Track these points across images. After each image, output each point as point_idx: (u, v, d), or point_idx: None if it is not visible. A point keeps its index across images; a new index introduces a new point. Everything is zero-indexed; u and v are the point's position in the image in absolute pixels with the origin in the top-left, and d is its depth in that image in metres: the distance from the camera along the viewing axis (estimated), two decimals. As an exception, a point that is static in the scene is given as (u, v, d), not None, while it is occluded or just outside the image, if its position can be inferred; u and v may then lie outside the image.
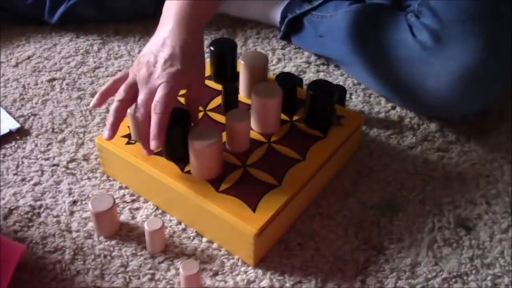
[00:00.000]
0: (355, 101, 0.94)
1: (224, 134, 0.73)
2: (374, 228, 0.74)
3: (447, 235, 0.73)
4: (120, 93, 0.67)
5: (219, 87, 0.84)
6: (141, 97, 0.66)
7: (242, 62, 0.79)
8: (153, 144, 0.63)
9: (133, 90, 0.67)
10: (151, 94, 0.65)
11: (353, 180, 0.80)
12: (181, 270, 0.63)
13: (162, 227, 0.68)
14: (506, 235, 0.73)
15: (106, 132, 0.67)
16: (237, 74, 0.85)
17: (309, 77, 0.98)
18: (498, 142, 0.87)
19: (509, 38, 0.80)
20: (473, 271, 0.69)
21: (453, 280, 0.68)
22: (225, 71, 0.85)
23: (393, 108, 0.92)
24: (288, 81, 0.79)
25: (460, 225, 0.74)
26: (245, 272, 0.68)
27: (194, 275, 0.63)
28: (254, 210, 0.66)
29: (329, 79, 0.97)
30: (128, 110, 0.72)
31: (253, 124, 0.76)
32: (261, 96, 0.73)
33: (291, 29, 1.03)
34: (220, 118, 0.79)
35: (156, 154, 0.73)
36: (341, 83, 0.96)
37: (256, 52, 0.83)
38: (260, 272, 0.68)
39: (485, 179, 0.81)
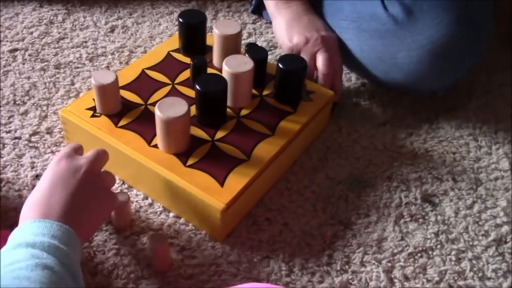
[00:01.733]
0: (325, 77, 0.93)
1: (192, 108, 0.72)
2: (341, 203, 0.74)
3: (413, 210, 0.74)
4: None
5: (187, 60, 0.82)
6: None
7: (216, 30, 0.78)
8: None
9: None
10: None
11: (322, 156, 0.80)
12: (148, 243, 0.63)
13: (128, 201, 0.66)
14: (470, 211, 0.74)
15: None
16: (206, 47, 0.84)
17: (279, 52, 0.97)
18: (466, 120, 0.88)
19: (481, 13, 0.80)
20: (438, 246, 0.70)
21: (419, 254, 0.69)
22: (194, 43, 0.83)
23: (363, 85, 0.92)
24: (258, 54, 0.78)
25: (426, 201, 0.75)
26: (213, 247, 0.67)
27: (162, 247, 0.62)
28: (222, 185, 0.66)
29: (300, 55, 0.96)
30: (92, 81, 0.70)
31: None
32: (232, 69, 0.72)
33: (262, 3, 1.01)
34: (188, 91, 0.77)
35: (122, 128, 0.71)
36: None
37: (229, 21, 0.81)
38: (227, 247, 0.67)
39: (451, 155, 0.82)
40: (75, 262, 0.51)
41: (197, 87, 0.69)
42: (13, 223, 0.67)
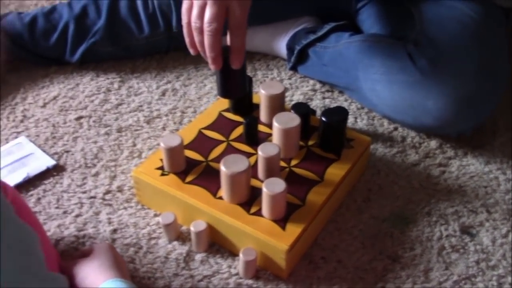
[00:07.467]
0: (360, 124, 1.02)
1: (252, 161, 0.81)
2: (387, 239, 0.82)
3: (453, 242, 0.81)
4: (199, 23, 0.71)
5: (238, 118, 0.92)
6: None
7: (262, 91, 0.88)
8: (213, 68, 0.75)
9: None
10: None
11: (364, 197, 0.88)
12: (241, 256, 0.73)
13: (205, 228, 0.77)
14: (506, 239, 0.82)
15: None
16: (253, 105, 0.94)
17: (316, 103, 1.07)
18: (493, 155, 0.96)
19: (500, 60, 0.90)
20: (480, 273, 0.77)
21: (463, 282, 0.76)
22: (243, 103, 0.93)
23: (395, 129, 1.01)
24: (302, 110, 0.87)
25: (464, 232, 0.83)
26: (277, 285, 0.76)
27: (252, 260, 0.73)
28: (283, 229, 0.74)
29: (334, 105, 1.05)
30: (162, 144, 0.80)
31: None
32: (282, 125, 0.82)
33: (297, 59, 1.12)
34: (242, 147, 0.87)
35: (189, 183, 0.81)
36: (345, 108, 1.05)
37: (274, 82, 0.91)
38: (291, 285, 0.76)
39: (483, 189, 0.90)
40: None
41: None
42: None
